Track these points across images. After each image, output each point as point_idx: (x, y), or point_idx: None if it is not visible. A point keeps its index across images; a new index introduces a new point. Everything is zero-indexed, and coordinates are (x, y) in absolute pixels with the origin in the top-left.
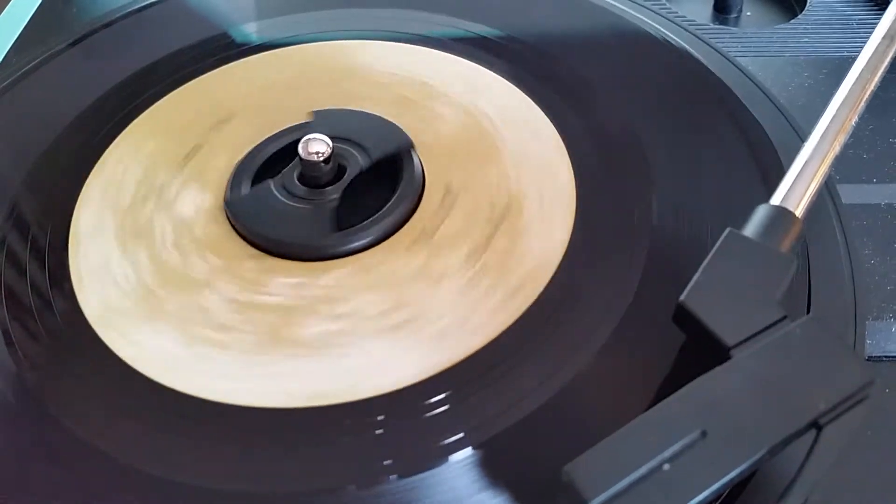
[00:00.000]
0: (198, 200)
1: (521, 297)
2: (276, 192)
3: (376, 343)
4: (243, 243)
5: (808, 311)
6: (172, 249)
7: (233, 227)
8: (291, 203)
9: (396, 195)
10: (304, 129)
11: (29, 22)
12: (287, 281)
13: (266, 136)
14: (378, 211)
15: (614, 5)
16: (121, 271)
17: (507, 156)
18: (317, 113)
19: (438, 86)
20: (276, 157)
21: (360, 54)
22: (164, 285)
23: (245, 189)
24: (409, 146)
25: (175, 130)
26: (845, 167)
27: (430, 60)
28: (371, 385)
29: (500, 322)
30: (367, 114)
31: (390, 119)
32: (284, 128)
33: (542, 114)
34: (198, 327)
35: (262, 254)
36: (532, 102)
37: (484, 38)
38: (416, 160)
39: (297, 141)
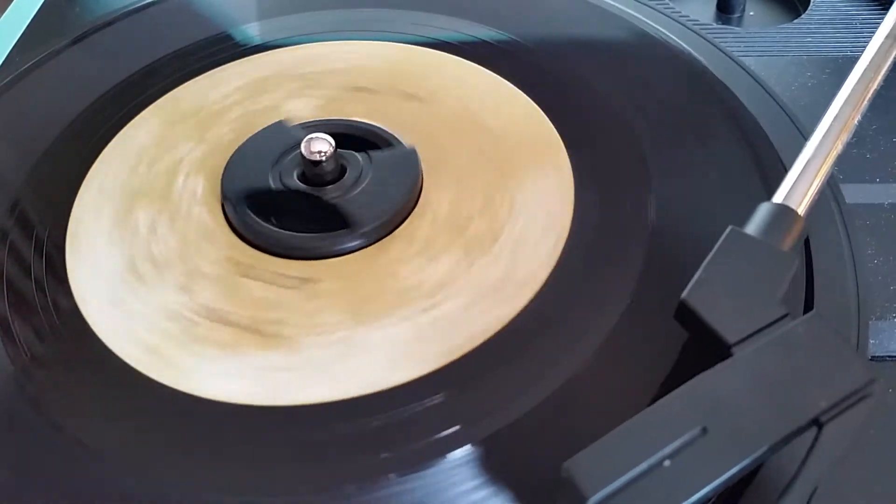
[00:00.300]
0: (299, 107)
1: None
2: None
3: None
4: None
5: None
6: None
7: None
8: (260, 162)
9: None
10: (385, 134)
11: (32, 21)
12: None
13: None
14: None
15: (616, 6)
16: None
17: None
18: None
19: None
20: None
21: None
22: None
23: (286, 127)
24: (376, 222)
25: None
26: (849, 167)
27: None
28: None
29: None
30: (414, 176)
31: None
32: (368, 123)
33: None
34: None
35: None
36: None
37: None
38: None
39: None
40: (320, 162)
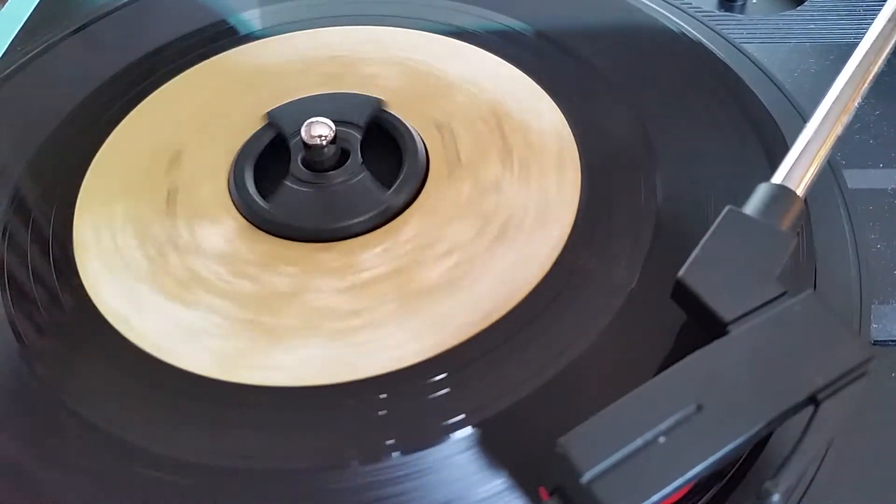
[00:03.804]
0: (220, 231)
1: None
2: (297, 188)
3: (496, 254)
4: (302, 244)
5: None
6: (241, 280)
7: (277, 235)
8: (312, 190)
9: (406, 146)
10: (270, 130)
11: (33, 11)
12: (374, 252)
13: (236, 152)
14: (400, 165)
15: None
16: (202, 320)
17: (462, 82)
18: (271, 113)
19: (352, 54)
20: (265, 163)
21: (263, 55)
22: (262, 311)
23: (258, 201)
24: (379, 103)
25: (136, 185)
26: (851, 152)
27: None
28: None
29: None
30: (322, 95)
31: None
32: (249, 136)
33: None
34: (327, 322)
35: (329, 244)
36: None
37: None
38: (393, 114)
39: (279, 139)
40: (333, 141)
